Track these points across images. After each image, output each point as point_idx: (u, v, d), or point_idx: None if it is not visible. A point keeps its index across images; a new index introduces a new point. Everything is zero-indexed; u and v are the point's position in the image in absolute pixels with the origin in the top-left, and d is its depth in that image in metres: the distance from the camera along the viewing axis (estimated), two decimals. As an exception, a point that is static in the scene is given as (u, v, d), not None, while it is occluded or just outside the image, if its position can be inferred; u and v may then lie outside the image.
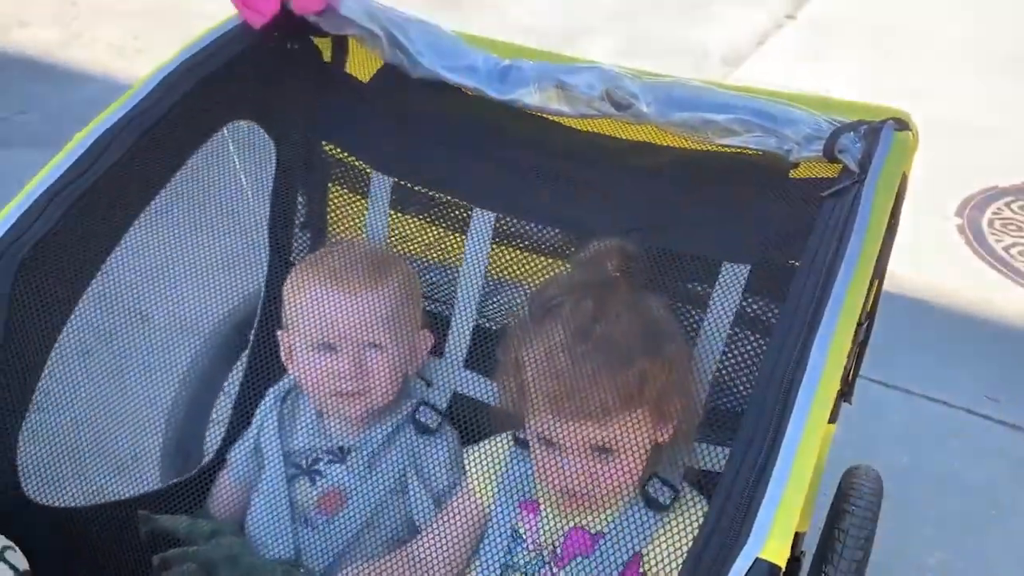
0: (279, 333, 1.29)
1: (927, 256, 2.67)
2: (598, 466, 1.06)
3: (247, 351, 1.40)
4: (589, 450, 1.05)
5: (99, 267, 1.16)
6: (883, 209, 0.93)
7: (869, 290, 0.95)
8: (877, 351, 1.13)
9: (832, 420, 0.88)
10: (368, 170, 1.37)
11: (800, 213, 1.06)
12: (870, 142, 0.98)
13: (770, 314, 1.13)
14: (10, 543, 0.92)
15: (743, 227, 1.14)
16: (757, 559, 0.71)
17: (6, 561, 0.89)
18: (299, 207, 1.43)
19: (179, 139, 1.20)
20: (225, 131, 1.28)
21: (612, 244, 1.13)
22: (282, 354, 1.28)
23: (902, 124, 1.00)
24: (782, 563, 0.71)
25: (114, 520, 1.19)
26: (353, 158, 1.39)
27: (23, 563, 0.92)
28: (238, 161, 1.31)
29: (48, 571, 1.03)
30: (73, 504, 1.18)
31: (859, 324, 0.94)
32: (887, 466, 1.50)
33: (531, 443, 1.11)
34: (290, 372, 1.28)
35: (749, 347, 1.14)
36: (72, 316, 1.14)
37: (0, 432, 1.05)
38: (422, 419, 1.26)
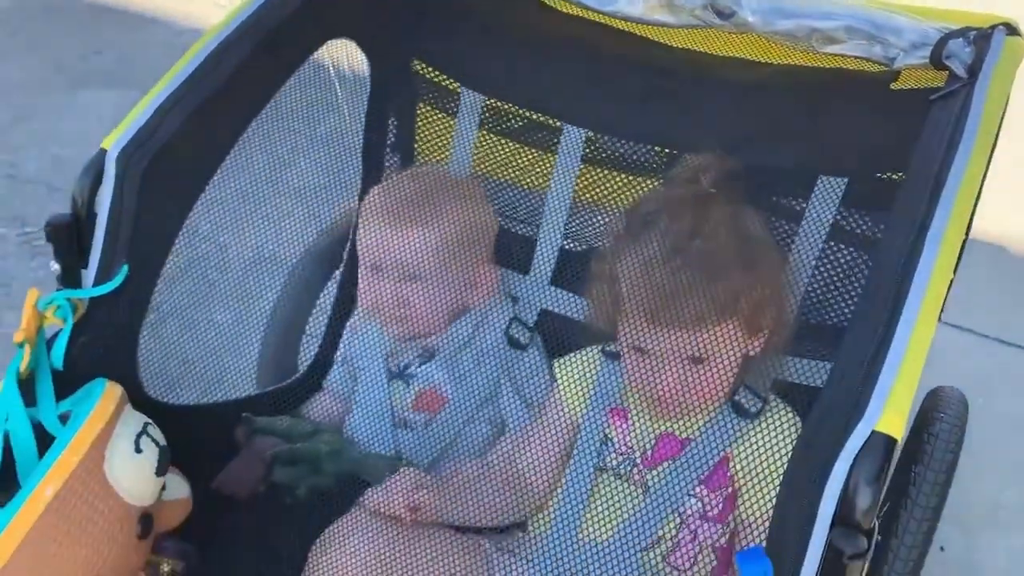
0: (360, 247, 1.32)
1: (999, 198, 2.61)
2: (689, 374, 1.08)
3: (341, 267, 1.45)
4: (681, 359, 1.08)
5: (209, 179, 1.20)
6: (995, 113, 0.92)
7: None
8: (951, 295, 1.13)
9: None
10: (458, 88, 1.40)
11: (902, 125, 1.05)
12: (980, 47, 0.97)
13: (866, 227, 1.13)
14: (149, 420, 0.99)
15: (841, 140, 1.13)
16: (874, 432, 0.72)
17: (149, 435, 0.96)
18: (390, 127, 1.47)
19: (285, 55, 1.23)
20: (324, 49, 1.32)
21: (708, 158, 1.13)
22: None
23: (1012, 29, 0.99)
24: (899, 435, 0.72)
25: (217, 421, 1.26)
26: (444, 76, 1.41)
27: (162, 439, 0.99)
28: (336, 80, 1.35)
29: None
30: (179, 403, 1.25)
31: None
32: (962, 407, 1.49)
33: (624, 352, 1.13)
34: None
35: (843, 261, 1.15)
36: (184, 226, 1.19)
37: (126, 326, 1.11)
38: (514, 335, 1.30)
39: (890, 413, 0.72)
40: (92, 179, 1.06)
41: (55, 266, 1.07)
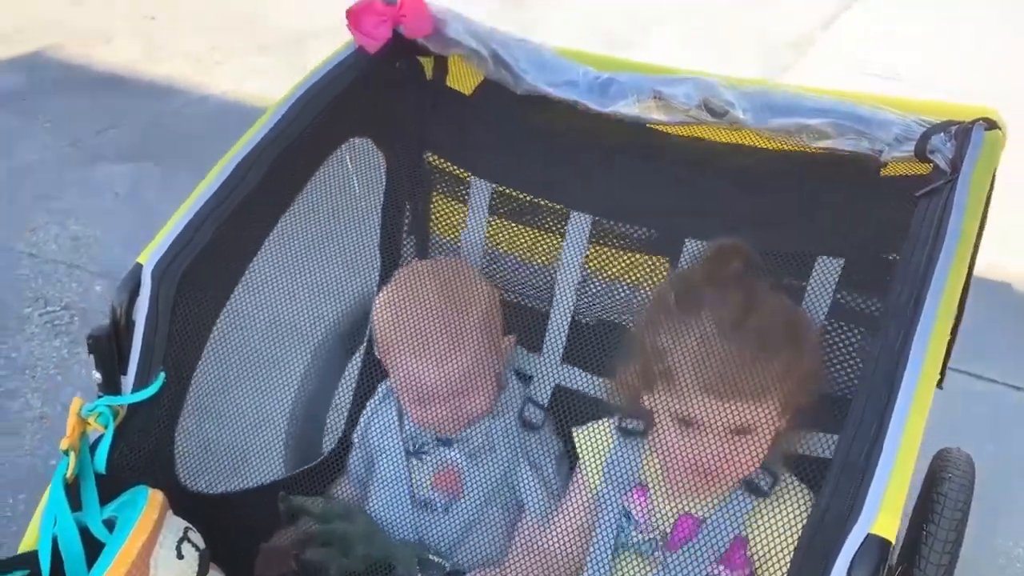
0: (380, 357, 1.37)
1: (1013, 245, 2.64)
2: (731, 446, 1.11)
3: (363, 346, 1.50)
4: (728, 431, 1.10)
5: (238, 281, 1.26)
6: (976, 207, 0.98)
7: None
8: (963, 340, 1.17)
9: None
10: (468, 177, 1.46)
11: (893, 209, 1.11)
12: (961, 142, 1.02)
13: (863, 305, 1.19)
14: (190, 525, 1.04)
15: (837, 222, 1.19)
16: (868, 535, 0.77)
17: (190, 540, 1.01)
18: (406, 214, 1.53)
19: (308, 158, 1.30)
20: (343, 148, 1.39)
21: (734, 243, 1.17)
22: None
23: (991, 123, 1.05)
24: (892, 537, 0.77)
25: (251, 506, 1.31)
26: (455, 167, 1.48)
27: (202, 543, 1.03)
28: (354, 175, 1.41)
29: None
30: (215, 491, 1.30)
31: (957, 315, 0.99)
32: (973, 455, 1.51)
33: (663, 424, 1.15)
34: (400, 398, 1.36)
35: (843, 337, 1.20)
36: (215, 327, 1.25)
37: (164, 428, 1.16)
38: (528, 416, 1.34)
39: (884, 515, 0.78)
40: (129, 292, 1.13)
41: (96, 375, 1.13)
